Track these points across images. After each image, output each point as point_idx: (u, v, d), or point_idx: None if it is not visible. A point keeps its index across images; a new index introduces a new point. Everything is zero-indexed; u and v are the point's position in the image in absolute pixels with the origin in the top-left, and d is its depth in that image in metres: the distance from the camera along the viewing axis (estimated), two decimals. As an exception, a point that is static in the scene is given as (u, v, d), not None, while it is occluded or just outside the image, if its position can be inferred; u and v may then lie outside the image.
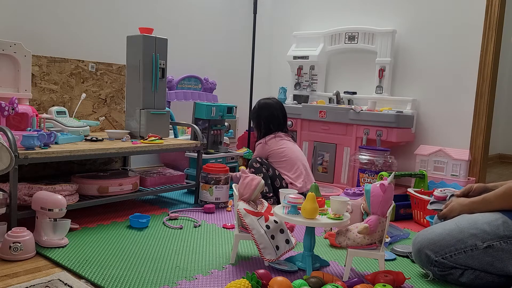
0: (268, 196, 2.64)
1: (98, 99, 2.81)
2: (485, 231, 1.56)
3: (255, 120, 2.90)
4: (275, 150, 2.74)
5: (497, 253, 1.55)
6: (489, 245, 1.55)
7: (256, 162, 2.71)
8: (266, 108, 2.85)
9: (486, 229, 1.57)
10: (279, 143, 2.75)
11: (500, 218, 1.57)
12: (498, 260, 1.55)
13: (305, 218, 1.59)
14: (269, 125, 2.83)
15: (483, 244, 1.55)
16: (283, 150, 2.73)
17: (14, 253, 1.65)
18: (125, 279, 1.53)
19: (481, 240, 1.56)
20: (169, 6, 3.42)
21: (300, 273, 1.67)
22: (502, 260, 1.55)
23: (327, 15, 3.85)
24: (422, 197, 2.39)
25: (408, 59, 3.42)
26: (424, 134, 3.34)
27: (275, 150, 2.74)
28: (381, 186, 1.60)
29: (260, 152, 2.80)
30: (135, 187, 2.40)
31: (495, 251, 1.55)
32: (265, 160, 2.75)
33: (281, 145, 2.74)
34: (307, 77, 3.76)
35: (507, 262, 1.54)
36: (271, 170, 2.69)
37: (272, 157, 2.75)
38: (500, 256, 1.55)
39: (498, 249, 1.54)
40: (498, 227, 1.55)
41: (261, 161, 2.72)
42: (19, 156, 1.79)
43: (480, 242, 1.56)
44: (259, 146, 2.81)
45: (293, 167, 2.70)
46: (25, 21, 2.59)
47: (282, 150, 2.73)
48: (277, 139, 2.77)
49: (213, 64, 3.82)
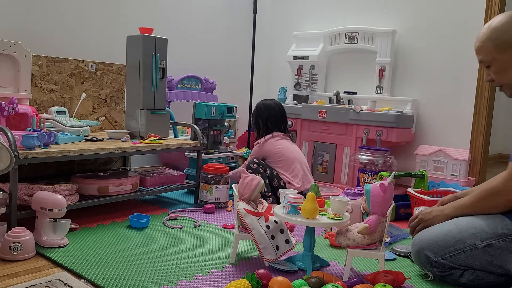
0: (267, 196, 2.64)
1: (98, 99, 2.81)
2: (483, 230, 1.57)
3: (253, 121, 2.93)
4: (272, 150, 2.75)
5: (496, 252, 1.55)
6: (488, 244, 1.55)
7: (253, 163, 2.71)
8: (264, 109, 2.87)
9: (485, 228, 1.57)
10: (276, 143, 2.76)
11: (498, 217, 1.58)
12: (497, 258, 1.55)
13: (305, 218, 1.59)
14: (267, 126, 2.85)
15: (482, 243, 1.56)
16: (280, 150, 2.73)
17: (14, 253, 1.65)
18: (125, 279, 1.53)
19: (480, 239, 1.56)
20: (169, 6, 3.42)
21: (300, 273, 1.67)
22: (501, 258, 1.55)
23: (327, 15, 3.85)
24: (422, 197, 2.39)
25: (408, 59, 3.42)
26: (424, 134, 3.34)
27: (272, 150, 2.75)
28: (381, 186, 1.60)
29: (257, 152, 2.81)
30: (135, 187, 2.40)
31: (494, 250, 1.55)
32: (262, 160, 2.76)
33: (278, 145, 2.75)
34: (307, 77, 3.76)
35: (506, 260, 1.54)
36: (269, 170, 2.69)
37: (270, 157, 2.76)
38: (499, 255, 1.55)
39: (497, 247, 1.55)
40: (496, 225, 1.56)
41: (258, 161, 2.73)
42: (19, 156, 1.79)
43: (479, 241, 1.56)
44: (256, 146, 2.83)
45: (290, 166, 2.70)
46: (25, 21, 2.59)
47: (278, 150, 2.73)
48: (275, 139, 2.77)
49: (213, 64, 3.83)
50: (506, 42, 1.53)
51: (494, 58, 1.57)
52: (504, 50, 1.54)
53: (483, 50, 1.59)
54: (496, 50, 1.55)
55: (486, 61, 1.60)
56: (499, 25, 1.55)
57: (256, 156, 2.80)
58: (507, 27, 1.53)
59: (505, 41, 1.53)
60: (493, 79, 1.62)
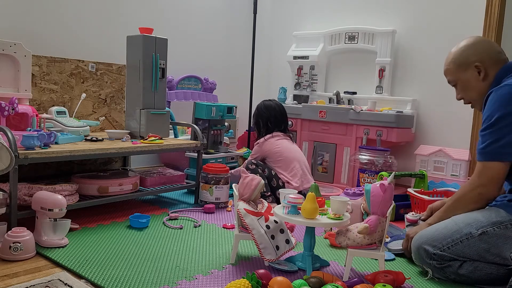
0: (266, 195, 2.64)
1: (98, 99, 2.81)
2: (478, 220, 1.64)
3: (254, 121, 2.94)
4: (271, 150, 2.75)
5: (492, 239, 1.60)
6: (483, 232, 1.61)
7: (251, 163, 2.72)
8: (265, 110, 2.88)
9: (480, 218, 1.64)
10: (276, 143, 2.76)
11: (492, 208, 1.67)
12: (494, 246, 1.60)
13: (305, 218, 1.59)
14: (267, 126, 2.85)
15: (478, 231, 1.61)
16: (279, 150, 2.74)
17: (14, 253, 1.65)
18: (125, 279, 1.53)
19: (475, 227, 1.62)
20: (169, 6, 3.42)
21: (300, 273, 1.67)
22: (497, 246, 1.59)
23: (327, 15, 3.85)
24: (422, 197, 2.39)
25: (408, 59, 3.42)
26: (424, 134, 3.34)
27: (271, 149, 2.75)
28: (381, 186, 1.60)
29: (257, 152, 2.82)
30: (135, 187, 2.40)
31: (489, 237, 1.60)
32: (261, 161, 2.77)
33: (277, 145, 2.75)
34: (307, 77, 3.76)
35: (502, 247, 1.59)
36: (267, 170, 2.69)
37: (269, 157, 2.77)
38: (495, 242, 1.59)
39: (492, 234, 1.60)
40: (491, 214, 1.64)
41: (256, 162, 2.73)
42: (19, 156, 1.79)
43: (475, 230, 1.62)
44: (256, 146, 2.84)
45: (289, 166, 2.70)
46: (25, 21, 2.59)
47: (278, 150, 2.74)
48: (274, 139, 2.78)
49: (213, 64, 3.83)
50: (465, 63, 1.75)
51: (458, 78, 1.78)
52: (465, 70, 1.75)
53: (449, 72, 1.81)
54: (458, 70, 1.77)
55: (452, 81, 1.82)
56: (460, 48, 1.77)
57: (256, 156, 2.80)
58: (466, 49, 1.75)
59: (464, 61, 1.75)
60: (462, 97, 1.82)
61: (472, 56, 1.73)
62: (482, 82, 1.73)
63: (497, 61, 1.72)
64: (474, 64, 1.73)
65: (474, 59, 1.73)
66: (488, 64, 1.72)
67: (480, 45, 1.75)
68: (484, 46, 1.74)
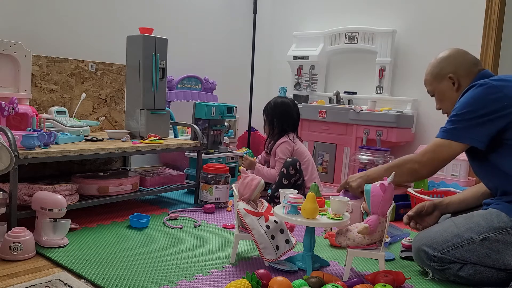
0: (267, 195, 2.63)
1: (98, 99, 2.81)
2: (480, 224, 1.61)
3: (269, 117, 2.78)
4: (297, 151, 2.69)
5: (493, 245, 1.58)
6: (484, 238, 1.59)
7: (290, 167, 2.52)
8: (282, 107, 2.75)
9: (481, 222, 1.62)
10: (298, 143, 2.73)
11: (494, 212, 1.63)
12: (495, 251, 1.58)
13: (305, 218, 1.59)
14: (282, 124, 2.74)
15: (479, 237, 1.59)
16: (303, 151, 2.71)
17: (14, 253, 1.65)
18: (125, 279, 1.53)
19: (477, 233, 1.60)
20: (169, 6, 3.42)
21: (300, 273, 1.67)
22: (499, 252, 1.58)
23: (327, 15, 3.85)
24: (422, 197, 2.39)
25: (408, 59, 3.42)
26: (424, 134, 3.34)
27: (297, 150, 2.69)
28: (381, 186, 1.60)
29: (288, 152, 2.65)
30: (135, 187, 2.40)
31: (491, 243, 1.58)
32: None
33: (300, 146, 2.73)
34: (307, 77, 3.76)
35: (504, 253, 1.57)
36: (301, 179, 2.57)
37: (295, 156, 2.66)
38: (497, 248, 1.58)
39: (494, 240, 1.58)
40: (492, 219, 1.61)
41: (297, 168, 2.53)
42: (19, 156, 1.79)
43: (476, 235, 1.60)
44: (285, 144, 2.66)
45: (308, 168, 2.69)
46: (25, 21, 2.59)
47: (304, 151, 2.71)
48: (296, 139, 2.74)
49: (213, 64, 3.82)
50: (440, 74, 1.80)
51: (434, 88, 1.84)
52: (440, 81, 1.81)
53: (427, 82, 1.87)
54: (435, 81, 1.83)
55: (431, 91, 1.87)
56: (437, 60, 1.83)
57: (287, 157, 2.61)
58: (441, 61, 1.81)
59: (439, 73, 1.80)
60: (440, 107, 1.88)
61: (447, 67, 1.78)
62: (455, 92, 1.78)
63: (470, 73, 1.75)
64: (448, 75, 1.78)
65: (448, 71, 1.78)
66: (461, 75, 1.76)
67: (455, 57, 1.80)
68: (458, 58, 1.79)
